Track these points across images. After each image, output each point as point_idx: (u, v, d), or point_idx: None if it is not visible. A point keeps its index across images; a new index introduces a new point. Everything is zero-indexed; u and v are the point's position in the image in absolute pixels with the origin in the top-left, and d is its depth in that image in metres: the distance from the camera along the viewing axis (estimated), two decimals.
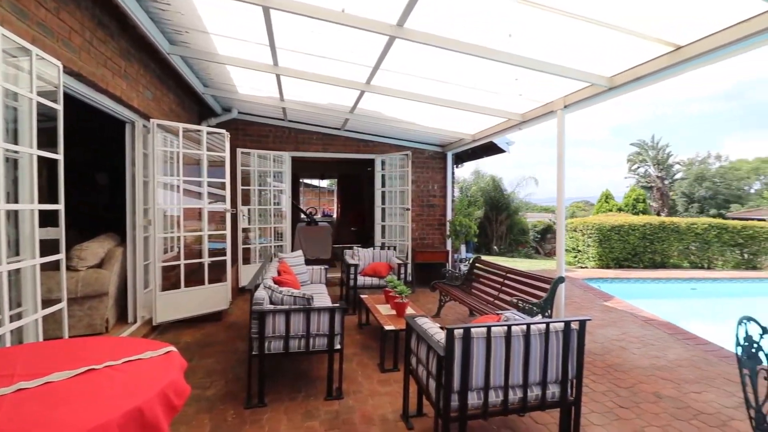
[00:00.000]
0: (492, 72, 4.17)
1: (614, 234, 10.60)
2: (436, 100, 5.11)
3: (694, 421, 2.89)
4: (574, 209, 30.96)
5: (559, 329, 2.32)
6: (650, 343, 4.53)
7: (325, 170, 13.20)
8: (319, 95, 5.69)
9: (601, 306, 6.23)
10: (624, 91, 4.01)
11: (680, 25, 3.00)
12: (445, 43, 3.47)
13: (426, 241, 7.96)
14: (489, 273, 5.10)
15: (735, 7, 2.64)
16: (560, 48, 3.57)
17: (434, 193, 8.04)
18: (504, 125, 5.85)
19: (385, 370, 3.63)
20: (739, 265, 10.85)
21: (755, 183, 36.19)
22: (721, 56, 3.08)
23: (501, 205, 15.72)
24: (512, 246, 15.77)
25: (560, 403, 2.39)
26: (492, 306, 4.38)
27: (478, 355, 2.23)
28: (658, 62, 3.42)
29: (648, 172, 30.57)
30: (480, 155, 9.03)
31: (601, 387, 3.40)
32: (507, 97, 4.91)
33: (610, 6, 2.88)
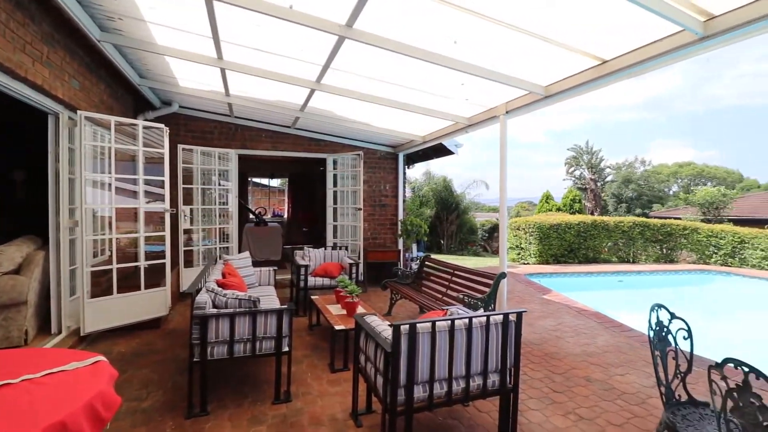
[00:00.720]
0: (440, 76, 4.31)
1: (553, 232, 11.36)
2: (388, 101, 5.18)
3: (618, 401, 3.19)
4: (519, 209, 32.77)
5: (499, 321, 2.46)
6: (582, 331, 4.93)
7: (275, 169, 12.85)
8: (268, 92, 5.54)
9: (541, 299, 6.66)
10: (559, 99, 4.32)
11: (605, 42, 3.30)
12: (394, 46, 3.54)
13: (378, 240, 8.03)
14: (438, 271, 5.26)
15: (650, 28, 2.95)
16: (502, 57, 3.77)
17: (386, 193, 8.14)
18: (452, 128, 6.06)
19: (335, 370, 3.62)
20: (658, 258, 12.08)
21: (673, 185, 40.55)
22: (640, 71, 3.43)
23: (451, 205, 16.26)
24: (462, 244, 16.36)
25: (500, 391, 2.53)
26: (440, 302, 4.52)
27: (423, 349, 2.30)
28: (586, 74, 3.74)
29: (583, 174, 33.09)
30: (430, 156, 9.27)
31: (538, 374, 3.65)
32: (455, 101, 5.10)
33: (545, 20, 3.10)
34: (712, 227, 11.90)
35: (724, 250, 11.32)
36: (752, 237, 10.94)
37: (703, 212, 19.13)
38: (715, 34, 2.73)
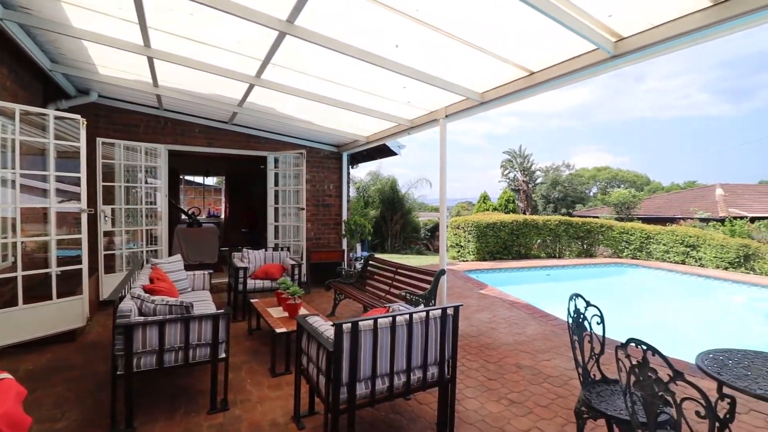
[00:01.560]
0: (383, 78, 4.37)
1: (489, 231, 12.04)
2: (332, 100, 5.14)
3: (545, 384, 3.48)
4: (459, 209, 34.14)
5: (438, 316, 2.57)
6: (514, 322, 5.29)
7: (210, 167, 12.15)
8: (203, 85, 5.23)
9: (478, 294, 7.03)
10: (493, 106, 4.60)
11: (533, 56, 3.59)
12: (337, 45, 3.53)
13: (321, 240, 7.94)
14: (382, 270, 5.33)
15: (571, 45, 3.25)
16: (442, 63, 3.92)
17: (330, 192, 8.07)
18: (395, 129, 6.18)
19: (276, 375, 3.53)
20: (580, 253, 13.30)
21: (593, 187, 44.82)
22: (562, 83, 3.78)
23: (396, 205, 16.54)
24: (406, 243, 16.71)
25: (439, 382, 2.64)
26: (384, 300, 4.60)
27: (365, 346, 2.33)
28: (517, 83, 4.03)
29: (516, 177, 35.37)
30: (374, 157, 9.37)
31: (474, 364, 3.86)
32: (397, 103, 5.20)
33: (481, 32, 3.29)
34: (624, 225, 13.36)
35: (634, 245, 12.77)
36: (656, 233, 12.46)
37: (617, 211, 21.39)
38: (624, 53, 3.09)
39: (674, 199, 23.55)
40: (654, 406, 1.61)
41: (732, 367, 2.09)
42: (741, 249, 10.40)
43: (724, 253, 10.66)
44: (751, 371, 2.05)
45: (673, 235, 11.94)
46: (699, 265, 11.18)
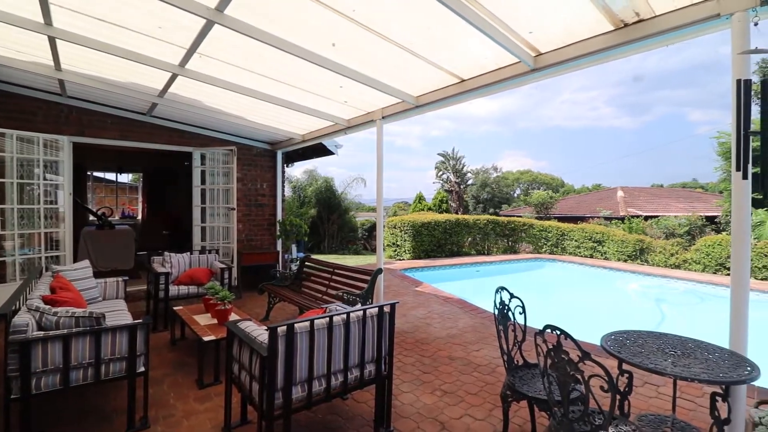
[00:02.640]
0: (320, 77, 4.30)
1: (424, 230, 12.46)
2: (265, 96, 4.94)
3: (474, 373, 3.69)
4: (396, 209, 34.81)
5: (374, 314, 2.60)
6: (447, 317, 5.54)
7: (125, 162, 11.01)
8: (117, 71, 4.72)
9: (414, 291, 7.25)
10: (428, 109, 4.77)
11: (463, 64, 3.79)
12: (270, 39, 3.40)
13: (254, 242, 7.60)
14: (318, 271, 5.25)
15: (496, 57, 3.49)
16: (379, 65, 3.97)
17: (263, 192, 7.76)
18: (332, 128, 6.13)
19: (204, 386, 3.31)
20: (506, 250, 14.32)
21: (517, 189, 48.46)
22: (489, 91, 4.05)
23: (333, 204, 16.38)
24: (343, 244, 16.62)
25: (376, 379, 2.67)
26: (321, 301, 4.53)
27: (301, 348, 2.28)
28: (449, 89, 4.22)
29: (449, 178, 37.01)
30: (310, 156, 9.19)
31: (410, 359, 3.97)
32: (334, 102, 5.16)
33: (416, 37, 3.39)
34: (543, 223, 14.65)
35: (551, 242, 14.06)
36: (570, 230, 13.84)
37: (537, 211, 23.37)
38: (543, 67, 3.40)
39: (584, 200, 26.39)
40: (567, 385, 1.79)
41: (629, 346, 2.40)
42: (637, 244, 11.96)
43: (624, 247, 12.17)
44: (645, 348, 2.37)
45: (583, 232, 13.36)
46: (604, 258, 12.64)
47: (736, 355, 2.27)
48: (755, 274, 9.43)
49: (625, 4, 2.60)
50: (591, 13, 2.76)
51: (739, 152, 2.06)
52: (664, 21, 2.67)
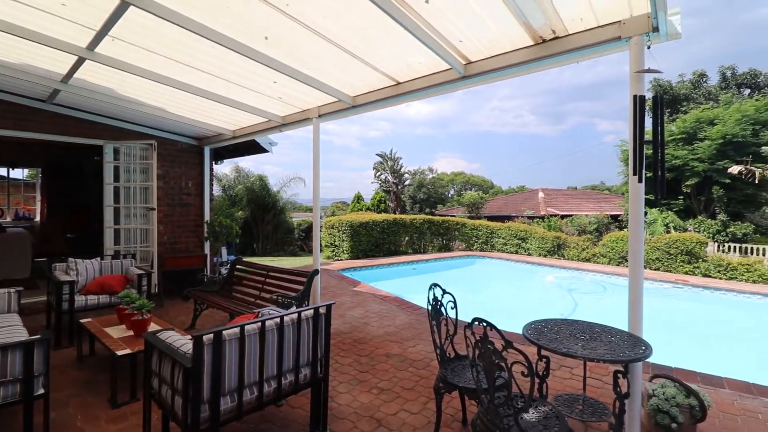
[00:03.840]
0: (252, 71, 4.09)
1: (362, 230, 12.52)
2: (192, 88, 4.58)
3: (410, 369, 3.78)
4: (334, 209, 34.54)
5: (310, 316, 2.55)
6: (385, 315, 5.61)
7: (20, 156, 9.55)
8: (8, 51, 4.06)
9: (352, 291, 7.23)
10: (365, 110, 4.78)
11: (399, 68, 3.86)
12: (197, 27, 3.17)
13: (178, 245, 7.03)
14: (251, 274, 5.01)
15: (430, 62, 3.61)
16: (315, 62, 3.88)
17: (189, 190, 7.21)
18: (265, 125, 5.89)
19: (118, 405, 2.99)
20: (441, 248, 14.92)
21: (451, 190, 50.67)
22: (424, 95, 4.18)
23: (268, 204, 15.75)
24: (278, 245, 16.07)
25: (312, 382, 2.62)
26: (254, 306, 4.33)
27: (231, 356, 2.15)
28: (385, 91, 4.28)
29: (387, 178, 37.58)
30: (243, 153, 8.74)
31: (347, 360, 3.95)
32: (268, 98, 4.96)
33: (353, 39, 3.38)
34: (474, 222, 15.49)
35: (482, 239, 14.93)
36: (498, 229, 14.80)
37: (469, 211, 24.66)
38: (472, 75, 3.58)
39: (510, 201, 28.39)
40: (492, 373, 1.90)
41: (546, 334, 2.63)
42: (555, 240, 13.16)
43: (544, 243, 13.32)
44: (559, 335, 2.61)
45: (509, 230, 14.37)
46: (527, 253, 13.72)
47: (634, 336, 2.60)
48: (649, 265, 10.89)
49: (543, 21, 2.84)
50: (514, 28, 2.97)
51: (635, 159, 2.36)
52: (576, 39, 2.97)
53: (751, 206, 14.47)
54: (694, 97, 20.18)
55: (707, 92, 20.10)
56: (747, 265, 9.47)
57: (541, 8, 2.70)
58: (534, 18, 2.79)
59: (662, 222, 14.06)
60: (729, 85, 20.20)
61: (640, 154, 2.34)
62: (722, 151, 13.94)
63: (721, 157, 13.88)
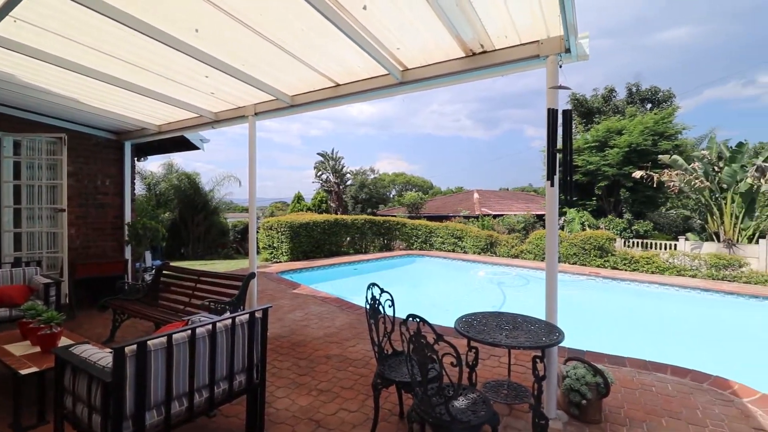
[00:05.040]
0: (181, 63, 3.85)
1: (303, 230, 12.28)
2: (109, 78, 4.18)
3: (350, 368, 3.82)
4: (273, 209, 33.40)
5: (245, 321, 2.48)
6: (325, 317, 5.59)
7: None
8: None
9: (291, 294, 7.09)
10: (304, 109, 4.73)
11: (338, 70, 3.89)
12: (114, 13, 2.91)
13: (93, 250, 6.36)
14: (180, 279, 4.71)
15: (370, 67, 3.68)
16: (250, 59, 3.76)
17: (106, 190, 6.56)
18: (196, 121, 5.56)
19: (24, 429, 2.66)
20: (382, 248, 15.14)
21: (392, 190, 51.52)
22: (363, 98, 4.25)
23: (199, 204, 14.80)
24: (211, 248, 15.17)
25: (247, 389, 2.55)
26: (183, 313, 4.08)
27: (157, 367, 2.03)
28: (325, 92, 4.28)
29: (329, 178, 37.22)
30: (171, 149, 8.16)
31: (286, 364, 3.89)
32: (199, 93, 4.69)
33: (290, 39, 3.33)
34: (414, 222, 15.93)
35: (421, 239, 15.41)
36: (436, 228, 15.37)
37: (409, 211, 25.30)
38: (409, 81, 3.72)
39: (448, 201, 29.64)
40: (425, 366, 2.01)
41: (476, 326, 2.83)
42: (488, 238, 13.99)
43: (478, 242, 14.10)
44: (487, 327, 2.82)
45: (446, 230, 15.00)
46: (463, 252, 14.43)
47: (550, 324, 2.89)
48: (568, 260, 12.02)
49: (472, 35, 3.05)
50: (447, 40, 3.15)
51: (548, 165, 2.62)
52: (501, 55, 3.22)
53: (651, 206, 16.59)
54: (605, 110, 22.64)
55: (616, 106, 22.67)
56: (647, 258, 10.86)
57: (471, 23, 2.89)
58: (464, 32, 2.98)
59: (579, 220, 15.61)
60: (634, 99, 22.94)
61: (552, 161, 2.62)
62: (628, 158, 15.82)
63: (627, 163, 15.75)
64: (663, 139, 15.86)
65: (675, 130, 16.46)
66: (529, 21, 2.84)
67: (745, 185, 11.59)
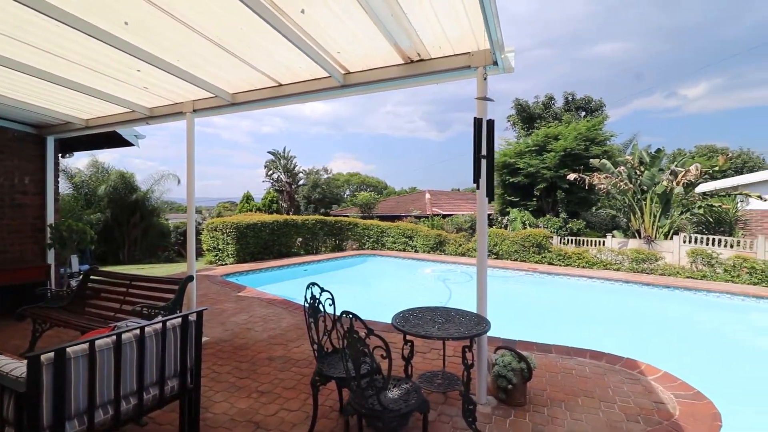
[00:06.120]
0: (109, 56, 3.63)
1: (250, 231, 11.93)
2: (27, 68, 3.84)
3: (293, 369, 3.83)
4: (221, 209, 32.01)
5: (177, 324, 2.43)
6: (270, 319, 5.52)
7: None
8: None
9: (235, 297, 6.90)
10: (246, 108, 4.65)
11: (281, 71, 3.88)
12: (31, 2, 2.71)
13: (8, 254, 5.77)
14: (110, 284, 4.43)
15: (312, 69, 3.71)
16: (187, 55, 3.63)
17: (24, 188, 5.98)
18: (128, 116, 5.25)
19: None
20: (334, 248, 15.09)
21: (346, 190, 51.33)
22: (305, 99, 4.25)
23: (134, 205, 13.85)
24: (149, 251, 14.28)
25: (180, 394, 2.50)
26: (112, 320, 3.86)
27: (78, 375, 1.95)
28: (267, 92, 4.25)
29: (280, 178, 36.33)
30: (101, 145, 7.61)
31: (226, 368, 3.82)
32: (131, 87, 4.44)
33: (229, 36, 3.28)
34: (366, 222, 16.05)
35: (373, 239, 15.56)
36: (388, 228, 15.60)
37: (362, 211, 25.41)
38: (351, 84, 3.80)
39: (401, 201, 30.12)
40: (358, 360, 2.11)
41: (411, 321, 2.98)
42: (437, 237, 14.45)
43: (428, 241, 14.52)
44: (422, 321, 2.98)
45: (398, 229, 15.28)
46: (414, 251, 14.79)
47: (480, 316, 3.11)
48: (511, 256, 12.75)
49: (409, 44, 3.19)
50: (386, 47, 3.27)
51: (475, 170, 2.83)
52: (436, 64, 3.41)
53: (584, 206, 18.00)
54: (545, 116, 24.25)
55: (555, 113, 24.35)
56: (578, 254, 11.81)
57: (407, 33, 3.04)
58: (401, 41, 3.12)
59: (521, 220, 16.60)
60: (570, 107, 24.78)
61: (478, 166, 2.83)
62: (563, 162, 17.06)
63: (563, 166, 16.99)
64: (594, 144, 17.30)
65: (604, 136, 18.04)
66: (459, 33, 3.04)
67: (661, 187, 12.97)
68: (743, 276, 9.20)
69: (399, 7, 2.72)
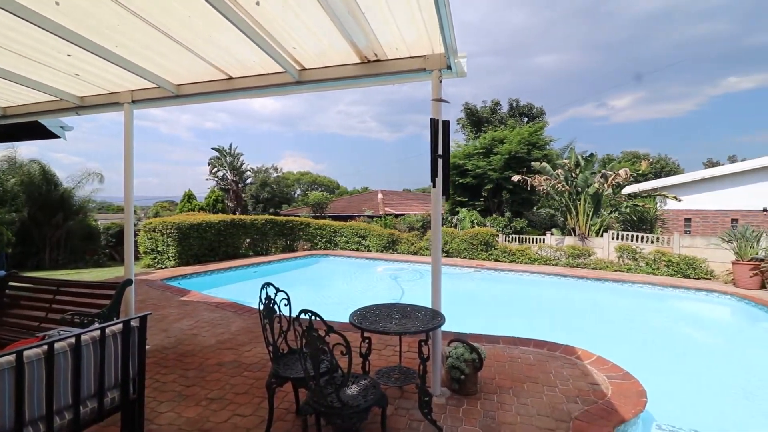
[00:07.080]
0: (34, 37, 3.25)
1: (194, 232, 11.27)
2: None
3: (245, 373, 3.69)
4: (158, 209, 29.87)
5: (117, 332, 2.25)
6: (218, 323, 5.27)
7: None
8: None
9: (178, 301, 6.49)
10: (192, 100, 4.40)
11: (233, 63, 3.72)
12: None
13: None
14: (33, 291, 3.98)
15: (266, 64, 3.60)
16: (127, 42, 3.36)
17: None
18: (54, 105, 4.74)
19: None
20: (285, 249, 14.70)
21: (297, 189, 50.18)
22: (257, 94, 4.12)
23: (57, 203, 12.48)
24: (76, 254, 12.96)
25: (122, 406, 2.31)
26: (37, 330, 3.47)
27: (3, 391, 1.74)
28: (215, 84, 4.05)
29: (226, 176, 34.66)
30: (20, 137, 6.80)
31: (170, 377, 3.59)
32: (57, 72, 4.01)
33: (173, 23, 3.08)
34: (318, 222, 15.83)
35: (325, 239, 15.38)
36: (341, 228, 15.50)
37: (314, 211, 25.01)
38: (307, 81, 3.74)
39: (354, 201, 30.06)
40: (317, 357, 2.09)
41: (369, 318, 3.00)
42: (390, 237, 14.61)
43: (381, 240, 14.64)
44: (379, 317, 3.01)
45: (351, 229, 15.25)
46: (367, 250, 14.83)
47: (435, 311, 3.21)
48: (460, 254, 13.24)
49: (366, 43, 3.21)
50: (343, 45, 3.26)
51: (432, 169, 2.92)
52: (393, 65, 3.46)
53: (527, 206, 19.13)
54: (492, 120, 25.44)
55: (501, 117, 25.63)
56: (522, 251, 12.55)
57: (364, 32, 3.05)
58: (358, 39, 3.13)
59: (469, 219, 17.28)
60: (515, 113, 26.23)
61: (434, 166, 2.92)
62: (508, 164, 18.03)
63: (508, 168, 17.94)
64: (535, 148, 18.47)
65: (544, 141, 19.32)
66: (416, 36, 3.11)
67: (593, 189, 14.16)
68: (662, 269, 10.34)
69: (356, 5, 2.73)
